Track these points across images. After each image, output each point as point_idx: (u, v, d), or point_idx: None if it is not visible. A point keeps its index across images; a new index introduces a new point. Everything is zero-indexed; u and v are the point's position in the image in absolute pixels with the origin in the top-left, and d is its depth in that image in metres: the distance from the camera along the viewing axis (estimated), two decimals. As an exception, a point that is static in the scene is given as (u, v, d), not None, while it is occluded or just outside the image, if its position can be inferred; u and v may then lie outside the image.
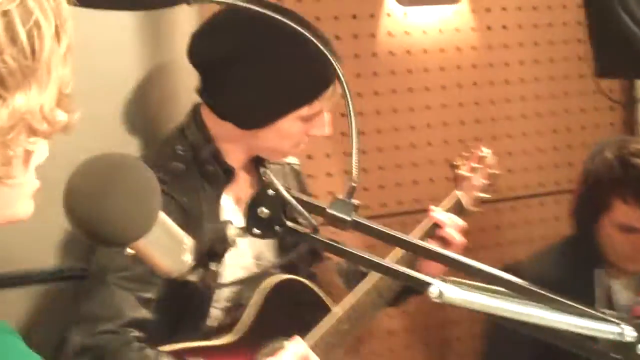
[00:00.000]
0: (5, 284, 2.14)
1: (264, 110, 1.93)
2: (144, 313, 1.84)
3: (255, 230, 1.21)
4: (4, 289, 2.15)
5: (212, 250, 1.23)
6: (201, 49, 1.96)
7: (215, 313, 2.00)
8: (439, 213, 2.16)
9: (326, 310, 2.06)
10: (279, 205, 1.19)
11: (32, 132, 0.87)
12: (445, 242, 2.13)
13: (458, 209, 2.25)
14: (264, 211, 1.20)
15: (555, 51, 3.17)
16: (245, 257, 2.03)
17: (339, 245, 1.19)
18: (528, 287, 1.15)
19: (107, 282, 1.82)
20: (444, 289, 1.12)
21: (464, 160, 2.39)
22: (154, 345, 1.83)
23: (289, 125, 1.95)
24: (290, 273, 2.06)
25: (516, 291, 1.15)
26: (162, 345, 1.85)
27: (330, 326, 2.02)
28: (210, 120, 1.97)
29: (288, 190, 1.19)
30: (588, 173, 2.48)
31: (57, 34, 0.88)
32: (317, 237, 1.20)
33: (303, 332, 2.01)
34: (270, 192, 1.19)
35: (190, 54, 1.97)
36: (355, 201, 1.19)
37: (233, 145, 1.99)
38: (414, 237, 2.05)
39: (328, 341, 2.02)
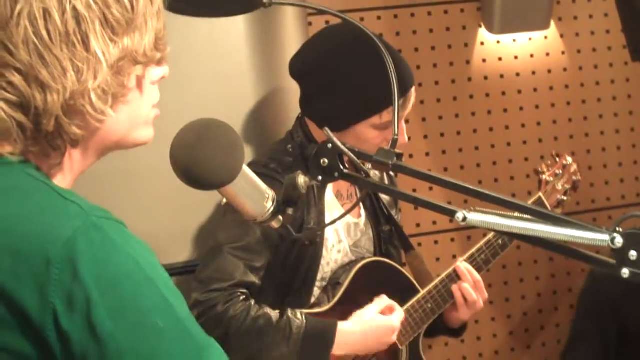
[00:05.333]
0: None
1: (339, 117, 2.21)
2: (252, 277, 2.16)
3: (319, 177, 1.52)
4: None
5: (287, 197, 1.54)
6: (294, 64, 2.31)
7: (315, 291, 2.30)
8: (462, 264, 2.37)
9: (414, 291, 2.34)
10: (336, 156, 1.50)
11: (136, 63, 1.22)
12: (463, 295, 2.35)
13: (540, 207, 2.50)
14: (325, 161, 1.51)
15: (646, 69, 3.37)
16: (343, 243, 2.33)
17: (385, 186, 1.48)
18: (534, 208, 1.39)
19: (222, 252, 2.15)
20: (467, 215, 1.40)
21: (548, 167, 2.64)
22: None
23: (364, 131, 2.21)
24: (383, 259, 2.37)
25: (528, 213, 1.40)
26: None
27: (414, 302, 2.31)
28: (311, 125, 2.30)
29: (344, 143, 1.49)
30: None
31: None
32: (368, 180, 1.50)
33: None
34: (329, 145, 1.50)
35: (289, 68, 2.32)
36: (397, 151, 1.48)
37: None
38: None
39: (413, 317, 2.30)
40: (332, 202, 2.31)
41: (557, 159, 2.67)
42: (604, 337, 2.77)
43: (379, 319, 2.23)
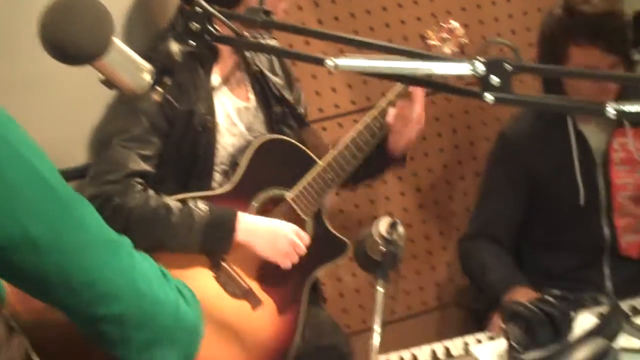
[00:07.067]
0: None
1: None
2: (145, 166, 2.18)
3: (191, 42, 1.53)
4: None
5: (163, 66, 1.55)
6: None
7: (216, 176, 2.33)
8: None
9: (312, 164, 2.38)
10: (205, 19, 1.51)
11: None
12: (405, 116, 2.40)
13: None
14: (195, 26, 1.52)
15: None
16: (237, 127, 2.36)
17: (256, 42, 1.50)
18: (400, 47, 1.43)
19: (112, 144, 2.16)
20: (337, 61, 1.43)
21: (434, 32, 2.68)
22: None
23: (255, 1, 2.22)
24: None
25: (395, 53, 1.44)
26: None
27: (315, 175, 2.35)
28: None
29: (212, 6, 1.50)
30: (543, 32, 2.73)
31: None
32: (241, 39, 1.52)
33: (291, 181, 2.35)
34: (198, 9, 1.51)
35: None
36: (265, 8, 1.50)
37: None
38: (387, 98, 2.37)
39: (314, 188, 2.36)
40: (220, 89, 2.33)
41: (443, 25, 2.71)
42: (515, 189, 2.85)
43: (282, 223, 2.29)
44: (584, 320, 1.94)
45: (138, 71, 1.54)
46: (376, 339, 1.93)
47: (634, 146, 2.78)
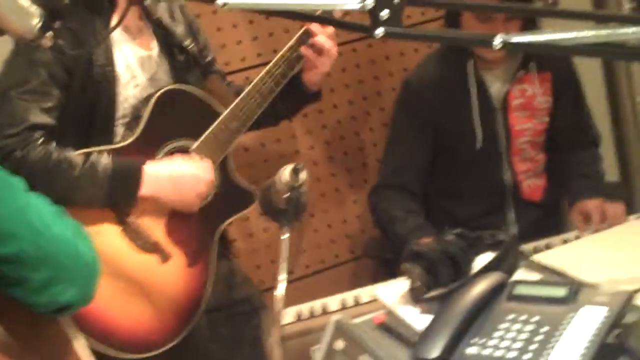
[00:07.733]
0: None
1: None
2: (46, 118, 2.14)
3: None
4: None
5: (51, 10, 1.53)
6: None
7: (119, 130, 2.30)
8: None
9: (217, 114, 2.37)
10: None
11: None
12: (317, 49, 2.38)
13: None
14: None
15: None
16: (139, 77, 2.33)
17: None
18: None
19: (10, 97, 2.12)
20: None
21: None
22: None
23: None
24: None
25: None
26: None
27: (219, 124, 2.35)
28: None
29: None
30: None
31: None
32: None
33: (196, 132, 2.34)
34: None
35: None
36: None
37: None
38: (289, 46, 2.38)
39: (219, 138, 2.35)
40: (120, 38, 2.30)
41: None
42: (421, 136, 2.88)
43: (187, 165, 2.27)
44: (485, 259, 1.99)
45: (26, 15, 1.53)
46: (282, 287, 1.93)
47: (539, 90, 2.84)
